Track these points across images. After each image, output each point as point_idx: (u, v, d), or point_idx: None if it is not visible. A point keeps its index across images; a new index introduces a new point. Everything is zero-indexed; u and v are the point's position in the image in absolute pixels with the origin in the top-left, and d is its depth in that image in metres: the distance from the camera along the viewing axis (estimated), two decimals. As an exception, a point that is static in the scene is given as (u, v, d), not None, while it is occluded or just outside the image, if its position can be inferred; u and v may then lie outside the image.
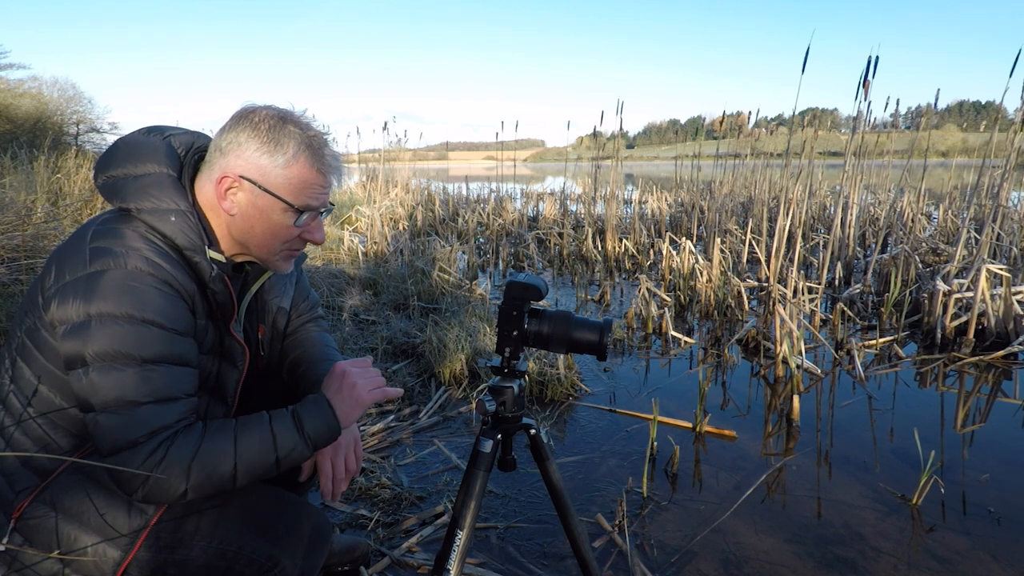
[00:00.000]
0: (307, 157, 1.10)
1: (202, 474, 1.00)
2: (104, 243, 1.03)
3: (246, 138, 1.08)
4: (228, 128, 1.10)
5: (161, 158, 1.10)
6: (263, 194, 1.10)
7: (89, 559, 1.05)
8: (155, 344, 1.00)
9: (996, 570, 1.74)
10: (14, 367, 1.09)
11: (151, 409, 0.98)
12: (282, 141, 1.08)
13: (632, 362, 3.51)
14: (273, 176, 1.09)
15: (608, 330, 1.19)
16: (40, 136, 10.71)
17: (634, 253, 6.56)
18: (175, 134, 1.16)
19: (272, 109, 1.11)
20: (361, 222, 7.31)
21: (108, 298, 0.98)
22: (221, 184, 1.09)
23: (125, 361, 0.98)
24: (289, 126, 1.09)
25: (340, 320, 3.91)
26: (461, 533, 1.19)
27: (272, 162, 1.08)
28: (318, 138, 1.11)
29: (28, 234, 3.66)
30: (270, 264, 1.19)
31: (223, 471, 1.01)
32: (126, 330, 0.98)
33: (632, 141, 32.32)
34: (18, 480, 1.07)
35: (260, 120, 1.09)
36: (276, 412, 1.09)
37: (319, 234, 1.18)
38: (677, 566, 1.76)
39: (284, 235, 1.14)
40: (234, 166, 1.09)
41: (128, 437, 0.97)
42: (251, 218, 1.12)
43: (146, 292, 1.00)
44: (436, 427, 2.66)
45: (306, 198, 1.12)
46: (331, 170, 1.14)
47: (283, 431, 1.07)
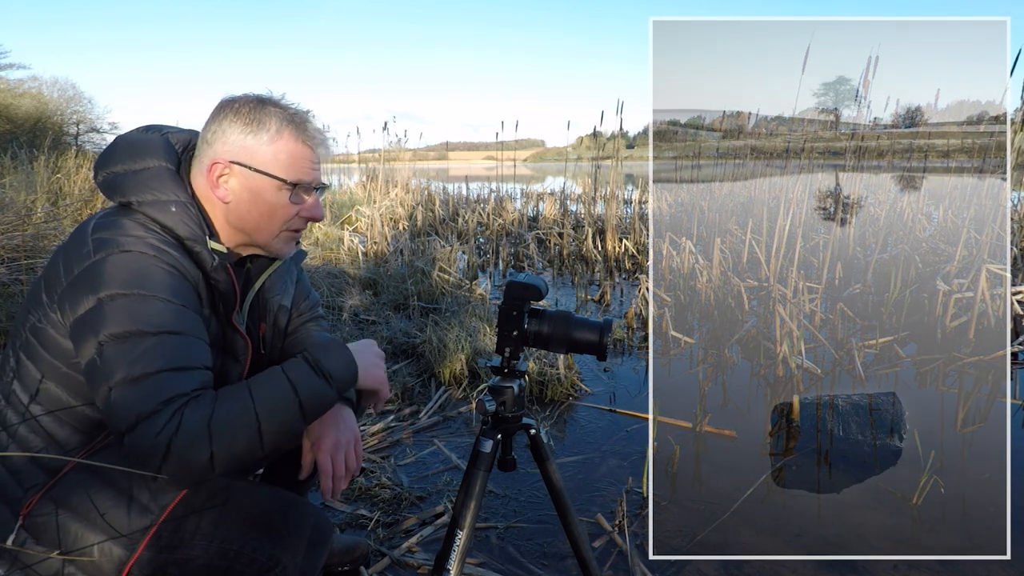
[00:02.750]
0: (291, 131, 1.12)
1: (224, 435, 0.96)
2: (106, 234, 1.04)
3: (228, 124, 1.11)
4: (210, 120, 1.13)
5: (160, 153, 1.12)
6: (254, 175, 1.11)
7: (95, 557, 1.05)
8: (166, 316, 1.00)
9: (996, 570, 1.74)
10: (19, 365, 1.09)
11: (166, 377, 0.97)
12: (263, 120, 1.11)
13: (632, 362, 3.51)
14: (261, 155, 1.11)
15: (608, 330, 1.19)
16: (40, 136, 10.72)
17: (634, 253, 6.56)
18: (172, 132, 1.18)
19: (250, 95, 1.13)
20: (361, 222, 7.31)
21: (115, 280, 0.99)
22: (212, 172, 1.11)
23: (138, 336, 0.98)
24: (269, 106, 1.12)
25: (340, 320, 3.91)
26: (461, 533, 1.19)
27: (257, 141, 1.10)
28: (299, 114, 1.14)
29: (28, 234, 3.66)
30: (271, 248, 1.19)
31: (246, 426, 0.98)
32: (136, 306, 0.98)
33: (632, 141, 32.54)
34: (26, 478, 1.07)
35: (240, 105, 1.11)
36: (287, 361, 1.08)
37: (318, 210, 1.19)
38: (677, 566, 1.76)
39: (282, 215, 1.15)
40: (221, 152, 1.11)
41: (145, 407, 0.94)
42: (246, 202, 1.13)
43: (153, 271, 1.01)
44: (436, 427, 2.66)
45: (297, 172, 1.13)
46: (317, 143, 1.15)
47: (299, 375, 1.05)
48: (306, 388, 1.04)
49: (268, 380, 1.03)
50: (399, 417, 2.72)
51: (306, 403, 1.03)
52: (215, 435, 0.95)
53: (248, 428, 0.98)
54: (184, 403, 0.97)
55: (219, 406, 0.98)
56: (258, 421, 0.98)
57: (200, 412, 0.96)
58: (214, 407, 0.97)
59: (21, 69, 15.23)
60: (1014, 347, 3.53)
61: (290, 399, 1.02)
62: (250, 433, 0.98)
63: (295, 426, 1.04)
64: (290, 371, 1.05)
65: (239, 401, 0.99)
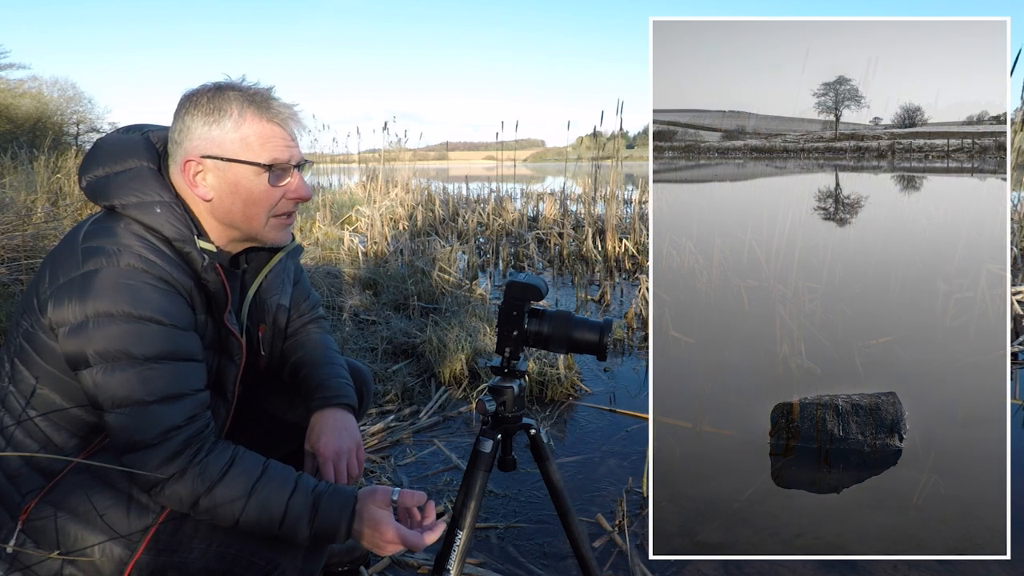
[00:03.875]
0: (253, 111, 1.09)
1: (209, 503, 1.02)
2: (96, 242, 1.02)
3: (191, 118, 1.08)
4: (174, 118, 1.11)
5: (140, 152, 1.10)
6: (228, 165, 1.08)
7: (95, 558, 1.05)
8: (155, 341, 0.99)
9: (996, 570, 1.74)
10: (13, 369, 1.08)
11: (159, 409, 0.98)
12: (223, 106, 1.08)
13: (632, 362, 3.52)
14: (229, 143, 1.08)
15: (608, 330, 1.19)
16: (40, 136, 10.71)
17: (634, 253, 6.56)
18: (152, 130, 1.16)
19: (208, 84, 1.11)
20: (361, 222, 7.31)
21: (104, 297, 0.98)
22: (187, 171, 1.09)
23: (127, 360, 0.97)
24: (227, 91, 1.09)
25: (340, 320, 3.91)
26: (461, 533, 1.19)
27: (222, 130, 1.07)
28: (259, 92, 1.10)
29: (28, 234, 3.66)
30: (265, 238, 1.16)
31: (228, 514, 1.03)
32: (124, 328, 0.97)
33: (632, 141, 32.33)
34: (24, 482, 1.07)
35: (199, 96, 1.09)
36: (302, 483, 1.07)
37: (304, 189, 1.15)
38: (677, 566, 1.76)
39: (266, 201, 1.12)
40: (191, 149, 1.08)
41: (140, 438, 0.97)
42: (228, 195, 1.10)
43: (142, 289, 1.00)
44: (436, 427, 2.66)
45: (270, 152, 1.09)
46: (284, 119, 1.11)
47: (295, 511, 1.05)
48: (290, 524, 1.05)
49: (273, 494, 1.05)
50: (399, 417, 2.72)
51: (283, 534, 1.06)
52: (202, 501, 1.01)
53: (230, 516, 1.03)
54: (185, 441, 1.01)
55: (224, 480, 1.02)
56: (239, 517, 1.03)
57: (200, 481, 1.01)
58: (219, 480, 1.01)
59: (21, 69, 15.22)
60: (1014, 347, 3.54)
61: (274, 523, 1.04)
62: (229, 519, 1.04)
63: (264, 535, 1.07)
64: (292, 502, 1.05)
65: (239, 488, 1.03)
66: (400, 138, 12.19)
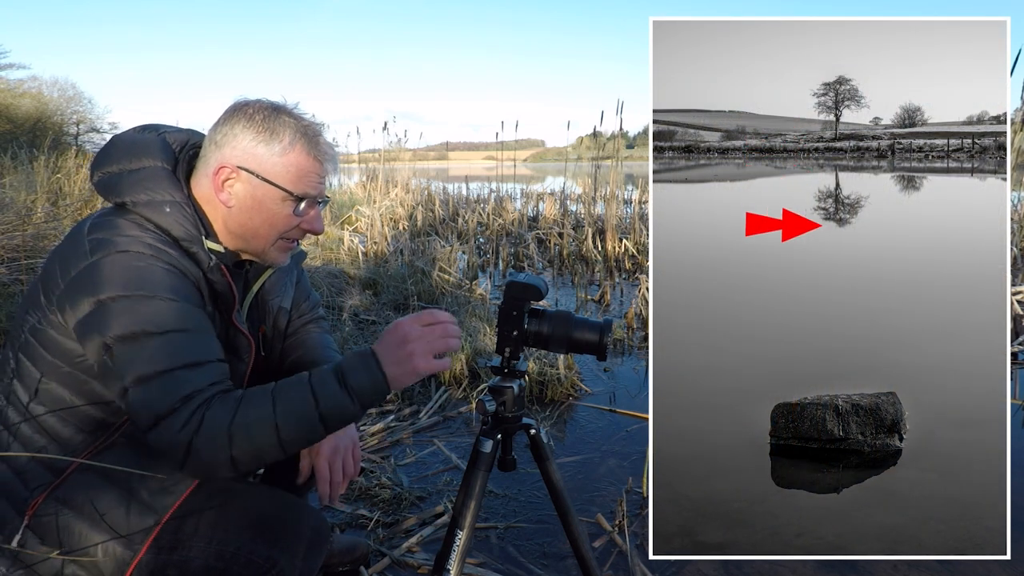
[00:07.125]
0: (303, 144, 1.11)
1: (244, 439, 0.97)
2: (102, 234, 1.03)
3: (241, 129, 1.09)
4: (222, 121, 1.11)
5: (156, 152, 1.10)
6: (261, 183, 1.10)
7: (98, 558, 1.05)
8: (171, 315, 0.99)
9: (996, 570, 1.74)
10: (18, 365, 1.09)
11: (182, 374, 0.97)
12: (277, 130, 1.09)
13: (632, 362, 3.52)
14: (270, 164, 1.09)
15: (608, 330, 1.19)
16: (40, 136, 10.71)
17: (634, 253, 6.56)
18: (170, 131, 1.16)
19: (265, 101, 1.12)
20: (361, 222, 7.31)
21: (115, 282, 0.98)
22: (218, 175, 1.09)
23: (145, 337, 0.97)
24: (283, 116, 1.10)
25: (340, 320, 3.91)
26: (461, 533, 1.19)
27: (269, 151, 1.09)
28: (312, 127, 1.12)
29: (28, 234, 3.66)
30: (266, 257, 1.18)
31: (266, 434, 0.98)
32: (139, 307, 0.98)
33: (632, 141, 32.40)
34: (32, 478, 1.07)
35: (254, 112, 1.10)
36: (317, 369, 1.05)
37: (318, 224, 1.18)
38: (677, 566, 1.76)
39: (283, 225, 1.14)
40: (230, 157, 1.09)
41: (165, 405, 0.95)
42: (249, 209, 1.11)
43: (152, 271, 1.01)
44: (436, 427, 2.66)
45: (304, 186, 1.12)
46: (327, 158, 1.14)
47: (324, 387, 1.01)
48: (328, 402, 1.01)
49: (292, 389, 1.02)
50: (399, 417, 2.72)
51: (328, 417, 1.01)
52: (235, 438, 0.96)
53: (268, 435, 0.98)
54: (205, 400, 0.97)
55: (241, 409, 0.98)
56: (278, 430, 0.98)
57: (221, 414, 0.96)
58: (236, 410, 0.97)
59: (21, 69, 15.22)
60: (1014, 347, 3.54)
61: (312, 412, 1.00)
62: (270, 440, 0.98)
63: (315, 437, 1.03)
64: (316, 384, 1.02)
65: (261, 407, 0.99)
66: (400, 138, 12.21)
